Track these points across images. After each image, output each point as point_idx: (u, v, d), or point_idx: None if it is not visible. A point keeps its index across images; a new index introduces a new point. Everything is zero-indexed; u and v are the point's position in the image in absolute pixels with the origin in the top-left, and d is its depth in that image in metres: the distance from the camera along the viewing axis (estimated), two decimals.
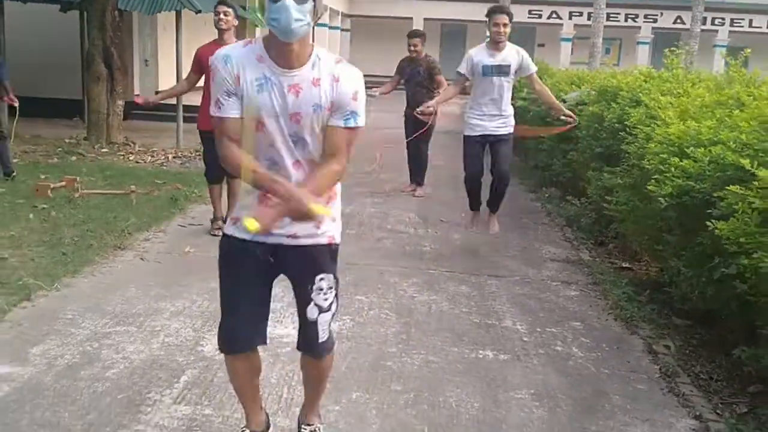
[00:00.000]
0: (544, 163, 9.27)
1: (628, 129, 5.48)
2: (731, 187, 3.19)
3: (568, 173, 8.20)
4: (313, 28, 2.45)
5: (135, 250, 5.60)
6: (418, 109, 6.35)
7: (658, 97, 5.32)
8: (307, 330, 2.64)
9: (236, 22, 5.87)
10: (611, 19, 30.10)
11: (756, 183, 3.06)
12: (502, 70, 5.73)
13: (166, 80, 15.34)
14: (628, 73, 7.13)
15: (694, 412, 3.49)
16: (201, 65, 5.87)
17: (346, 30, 32.19)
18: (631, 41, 32.58)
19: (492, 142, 5.90)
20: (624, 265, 5.93)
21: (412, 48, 8.21)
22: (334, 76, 2.41)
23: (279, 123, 2.42)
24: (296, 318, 2.71)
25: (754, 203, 3.01)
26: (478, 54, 5.83)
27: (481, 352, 4.06)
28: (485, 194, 6.29)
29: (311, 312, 2.60)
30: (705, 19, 27.25)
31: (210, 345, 3.91)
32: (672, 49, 6.68)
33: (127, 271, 5.12)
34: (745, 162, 3.10)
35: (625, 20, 31.82)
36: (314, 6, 2.33)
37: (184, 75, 12.21)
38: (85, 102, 11.86)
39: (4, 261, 5.05)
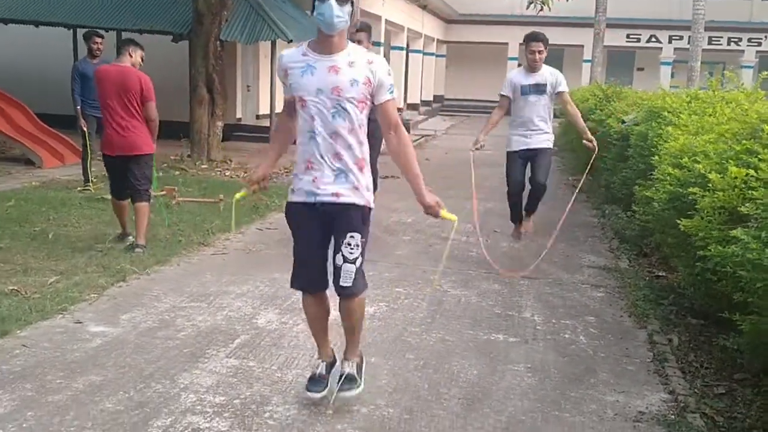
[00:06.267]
0: (607, 182, 9.65)
1: (657, 146, 5.94)
2: (691, 189, 3.69)
3: (624, 190, 8.58)
4: (407, 54, 3.37)
5: (215, 247, 6.51)
6: (471, 147, 6.60)
7: (684, 116, 5.76)
8: (334, 273, 3.33)
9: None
10: (713, 42, 29.61)
11: (710, 185, 3.55)
12: (539, 88, 6.29)
13: (264, 105, 16.58)
14: (675, 95, 7.51)
15: (669, 388, 3.95)
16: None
17: (442, 56, 33.04)
18: (735, 65, 31.82)
19: (531, 156, 6.42)
20: (660, 273, 6.33)
21: (356, 42, 7.43)
22: (368, 60, 3.21)
23: (321, 97, 3.20)
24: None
25: (705, 201, 3.50)
26: (517, 76, 6.42)
27: (493, 335, 4.66)
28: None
29: (338, 259, 3.29)
30: None
31: (263, 319, 4.71)
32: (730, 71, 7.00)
33: (206, 262, 6.01)
34: (699, 167, 3.60)
35: (728, 44, 31.13)
36: (352, 9, 3.17)
37: (279, 101, 13.42)
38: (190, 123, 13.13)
39: (109, 251, 6.04)
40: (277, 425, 3.32)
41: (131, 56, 6.24)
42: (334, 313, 3.60)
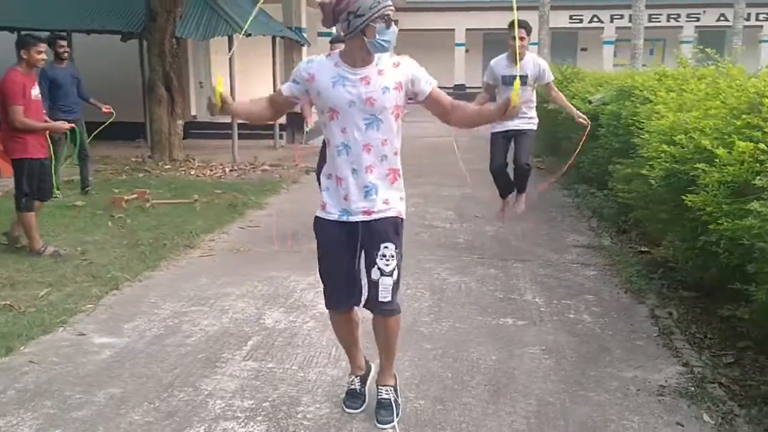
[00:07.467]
0: (576, 162, 9.80)
1: (636, 125, 6.05)
2: (698, 165, 3.78)
3: (595, 169, 8.73)
4: None
5: (202, 248, 6.40)
6: None
7: (661, 94, 5.88)
8: (370, 289, 3.23)
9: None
10: (653, 20, 30.24)
11: (717, 160, 3.64)
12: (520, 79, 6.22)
13: None
14: (644, 73, 7.66)
15: (682, 360, 4.06)
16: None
17: None
18: (674, 41, 32.59)
19: (514, 136, 6.43)
20: (643, 249, 6.47)
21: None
22: (394, 63, 3.13)
23: (353, 109, 3.09)
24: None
25: (713, 176, 3.59)
26: (498, 65, 6.37)
27: (502, 319, 4.70)
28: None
29: (375, 274, 3.15)
30: (749, 15, 27.30)
31: (270, 318, 4.65)
32: (701, 47, 7.14)
33: (197, 265, 5.91)
34: (706, 143, 3.69)
35: (668, 20, 31.85)
36: None
37: (237, 95, 13.22)
38: (148, 123, 12.84)
39: (93, 260, 5.88)
40: (314, 425, 3.29)
41: (24, 56, 5.97)
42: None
